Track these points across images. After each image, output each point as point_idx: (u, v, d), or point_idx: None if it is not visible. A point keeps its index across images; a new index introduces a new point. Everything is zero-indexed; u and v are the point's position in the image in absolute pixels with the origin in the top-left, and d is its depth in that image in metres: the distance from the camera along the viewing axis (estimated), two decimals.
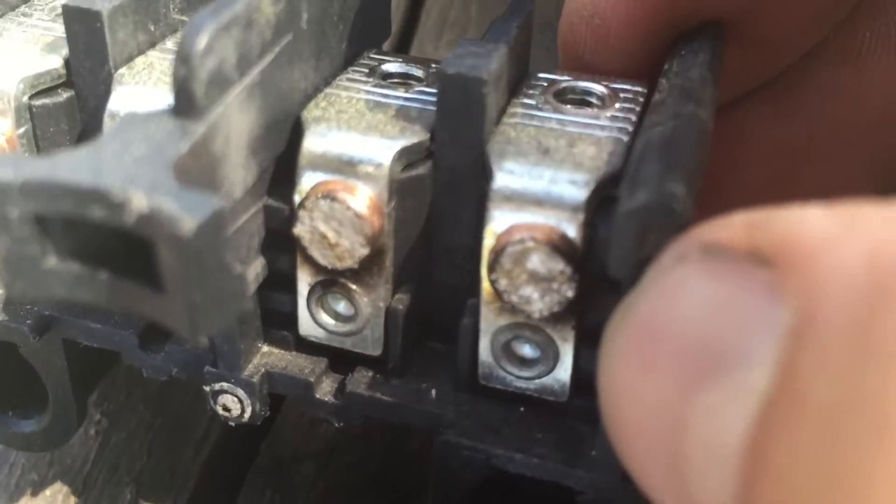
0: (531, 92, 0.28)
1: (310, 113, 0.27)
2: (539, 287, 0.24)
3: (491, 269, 0.25)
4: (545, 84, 0.28)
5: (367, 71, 0.29)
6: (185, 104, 0.21)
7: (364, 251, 0.26)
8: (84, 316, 0.30)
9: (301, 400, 0.29)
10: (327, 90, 0.28)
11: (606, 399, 0.19)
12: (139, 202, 0.19)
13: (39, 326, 0.30)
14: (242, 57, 0.23)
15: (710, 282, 0.17)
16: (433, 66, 0.30)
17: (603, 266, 0.24)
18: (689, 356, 0.17)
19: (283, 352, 0.29)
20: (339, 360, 0.29)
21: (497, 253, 0.24)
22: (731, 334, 0.17)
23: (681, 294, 0.18)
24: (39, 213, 0.20)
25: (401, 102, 0.27)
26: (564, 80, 0.29)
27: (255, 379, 0.28)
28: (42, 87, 0.28)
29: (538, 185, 0.25)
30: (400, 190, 0.26)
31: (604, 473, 0.25)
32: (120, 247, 0.20)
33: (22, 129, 0.28)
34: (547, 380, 0.27)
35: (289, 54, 0.26)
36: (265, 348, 0.29)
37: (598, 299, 0.25)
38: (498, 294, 0.25)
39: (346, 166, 0.26)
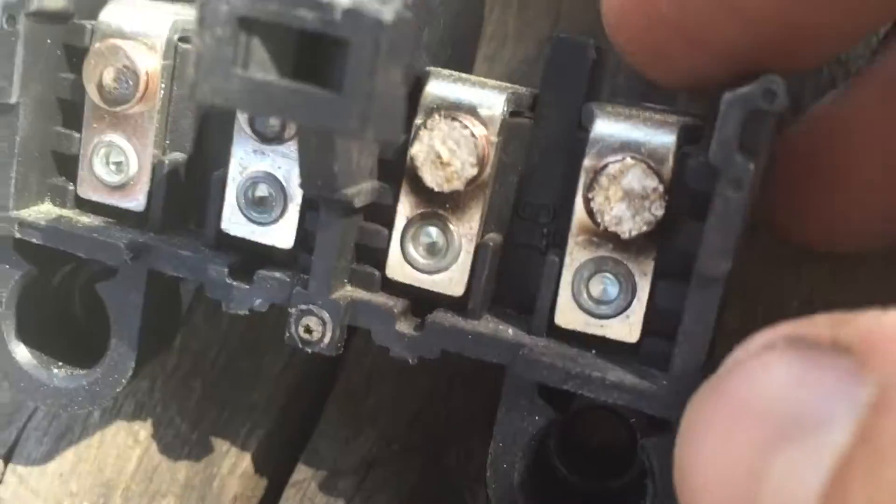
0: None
1: (433, 69, 0.31)
2: (632, 205, 0.27)
3: (588, 187, 0.28)
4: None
5: None
6: None
7: (473, 171, 0.29)
8: (177, 246, 0.32)
9: (380, 333, 0.30)
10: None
11: (684, 466, 0.22)
12: (345, 1, 0.22)
13: (134, 248, 0.31)
14: None
15: (795, 365, 0.21)
16: None
17: (688, 196, 0.27)
18: (772, 423, 0.20)
19: (366, 291, 0.31)
20: (419, 304, 0.31)
21: (597, 171, 0.28)
22: (812, 404, 0.20)
23: (767, 374, 0.21)
24: (245, 15, 0.23)
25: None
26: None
27: (342, 304, 0.30)
28: (186, 35, 0.32)
29: (634, 128, 0.28)
30: (506, 130, 0.29)
31: (678, 393, 0.27)
32: (304, 57, 0.23)
33: (166, 63, 0.32)
34: (620, 319, 0.29)
35: (425, 14, 0.30)
36: (349, 287, 0.31)
37: (681, 230, 0.28)
38: (591, 215, 0.28)
39: (464, 106, 0.29)
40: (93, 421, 0.39)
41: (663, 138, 0.28)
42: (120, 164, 0.33)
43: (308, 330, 0.30)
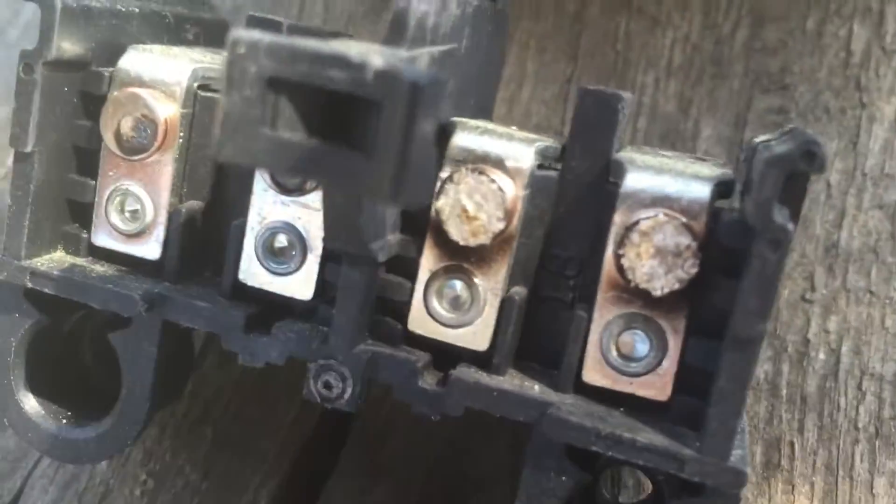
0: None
1: (459, 120, 0.30)
2: (664, 262, 0.27)
3: (619, 244, 0.27)
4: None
5: None
6: (398, 30, 0.25)
7: (500, 226, 0.28)
8: (192, 297, 0.31)
9: (402, 389, 0.29)
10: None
11: None
12: (377, 62, 0.22)
13: (148, 299, 0.31)
14: (436, 27, 0.27)
15: None
16: None
17: (721, 253, 0.27)
18: None
19: (388, 345, 0.30)
20: (442, 359, 0.30)
21: (628, 228, 0.27)
22: None
23: None
24: (274, 76, 0.22)
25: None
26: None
27: (363, 359, 0.29)
28: (206, 83, 0.32)
29: (666, 182, 0.28)
30: (534, 183, 0.29)
31: (713, 455, 0.26)
32: (332, 119, 0.23)
33: (185, 111, 0.31)
34: (651, 377, 0.28)
35: (450, 63, 0.30)
36: (370, 340, 0.30)
37: (714, 288, 0.27)
38: (621, 272, 0.27)
39: (491, 159, 0.29)
40: (100, 469, 0.38)
41: (697, 193, 0.27)
42: (136, 212, 0.32)
43: (328, 386, 0.29)
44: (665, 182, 0.28)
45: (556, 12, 0.45)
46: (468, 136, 0.29)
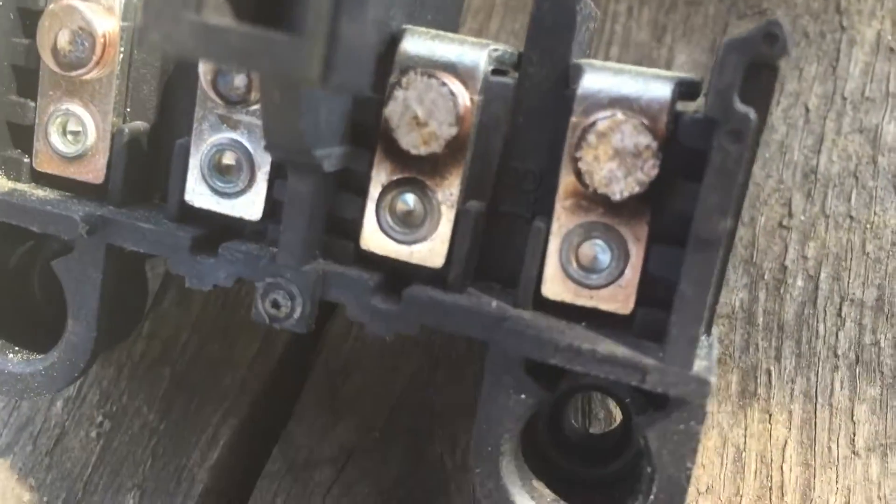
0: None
1: (409, 27, 0.29)
2: (623, 164, 0.25)
3: (576, 146, 0.26)
4: None
5: None
6: None
7: (452, 131, 0.27)
8: (137, 219, 0.30)
9: (355, 307, 0.28)
10: None
11: None
12: None
13: (90, 221, 0.29)
14: None
15: None
16: None
17: (683, 155, 0.25)
18: None
19: (339, 264, 0.29)
20: (396, 278, 0.29)
21: (585, 129, 0.26)
22: None
23: None
24: None
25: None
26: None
27: (312, 276, 0.28)
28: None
29: (624, 81, 0.26)
30: (488, 90, 0.27)
31: (675, 364, 0.25)
32: (265, 2, 0.21)
33: (126, 24, 0.30)
34: (612, 289, 0.27)
35: None
36: (321, 260, 0.29)
37: (676, 192, 0.26)
38: (579, 177, 0.26)
39: (442, 63, 0.27)
40: (55, 411, 0.37)
41: (657, 93, 0.26)
42: (77, 134, 0.30)
43: (276, 305, 0.28)
44: (623, 82, 0.26)
45: None
46: (418, 41, 0.28)
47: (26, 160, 0.31)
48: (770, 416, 0.33)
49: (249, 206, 0.29)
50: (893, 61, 0.38)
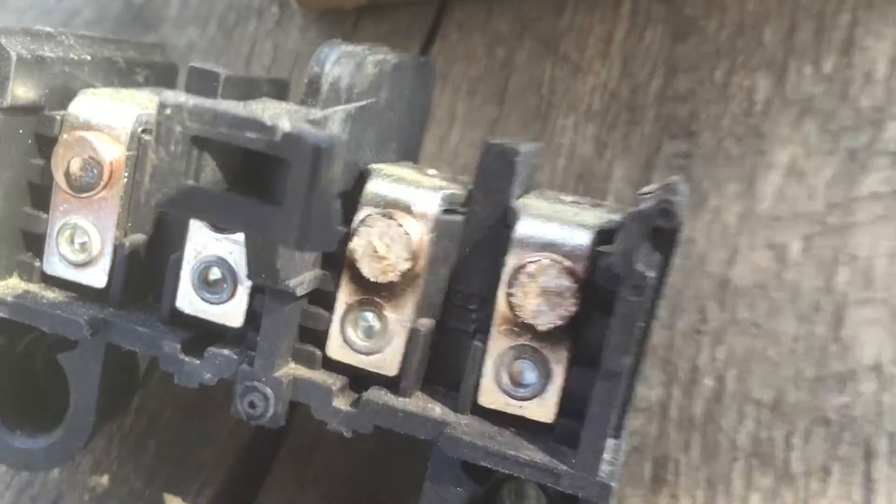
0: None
1: (374, 167, 0.34)
2: (548, 301, 0.30)
3: (510, 284, 0.31)
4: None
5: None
6: (312, 92, 0.28)
7: (407, 265, 0.31)
8: (134, 322, 0.34)
9: (319, 409, 0.33)
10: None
11: None
12: (285, 125, 0.25)
13: (94, 324, 0.34)
14: (351, 86, 0.30)
15: None
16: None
17: (599, 293, 0.30)
18: None
19: (308, 369, 0.33)
20: (357, 382, 0.33)
21: (517, 270, 0.31)
22: None
23: None
24: (197, 135, 0.26)
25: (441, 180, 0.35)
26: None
27: (284, 381, 0.32)
28: (149, 127, 0.35)
29: (553, 229, 0.31)
30: (439, 227, 0.32)
31: (583, 471, 0.30)
32: (248, 173, 0.26)
33: (130, 153, 0.34)
34: (538, 401, 0.32)
35: (368, 116, 0.33)
36: (293, 364, 0.34)
37: (592, 324, 0.31)
38: (511, 308, 0.31)
39: (401, 204, 0.32)
40: (52, 476, 0.41)
41: (579, 241, 0.31)
42: (84, 244, 0.35)
43: (252, 405, 0.33)
44: (552, 230, 0.31)
45: (487, 56, 0.48)
46: (380, 183, 0.33)
47: (37, 264, 0.36)
48: (678, 501, 0.38)
49: (232, 314, 0.34)
50: (802, 185, 0.43)
